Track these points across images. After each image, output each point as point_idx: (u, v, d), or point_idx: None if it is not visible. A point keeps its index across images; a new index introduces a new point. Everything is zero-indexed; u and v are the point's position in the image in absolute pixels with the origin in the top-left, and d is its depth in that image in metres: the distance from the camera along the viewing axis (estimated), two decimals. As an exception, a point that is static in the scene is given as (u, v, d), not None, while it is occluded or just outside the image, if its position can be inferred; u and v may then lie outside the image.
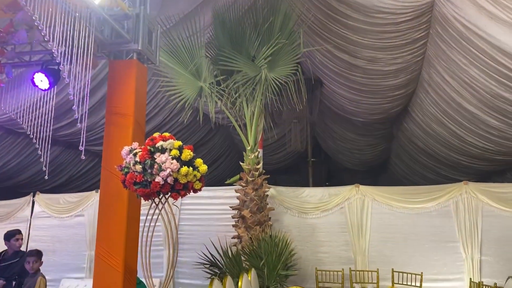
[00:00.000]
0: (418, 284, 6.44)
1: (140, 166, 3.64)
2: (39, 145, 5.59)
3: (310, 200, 7.53)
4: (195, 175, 3.76)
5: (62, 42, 3.86)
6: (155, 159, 3.67)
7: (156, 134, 3.90)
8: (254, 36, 6.86)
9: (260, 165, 7.15)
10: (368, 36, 6.98)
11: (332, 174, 16.06)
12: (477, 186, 7.07)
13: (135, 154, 3.73)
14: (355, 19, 6.80)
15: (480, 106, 6.83)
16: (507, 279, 4.33)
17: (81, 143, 3.87)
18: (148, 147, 3.74)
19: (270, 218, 7.05)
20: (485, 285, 5.57)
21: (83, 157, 4.08)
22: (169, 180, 3.61)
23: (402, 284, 6.58)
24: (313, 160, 13.68)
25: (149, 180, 3.60)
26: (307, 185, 11.94)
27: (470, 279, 6.51)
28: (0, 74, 4.97)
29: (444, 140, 8.83)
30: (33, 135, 5.61)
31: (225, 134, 12.93)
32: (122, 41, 4.78)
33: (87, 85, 4.01)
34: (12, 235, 5.72)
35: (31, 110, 5.94)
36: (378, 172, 14.80)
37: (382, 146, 12.49)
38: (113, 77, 4.83)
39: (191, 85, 7.12)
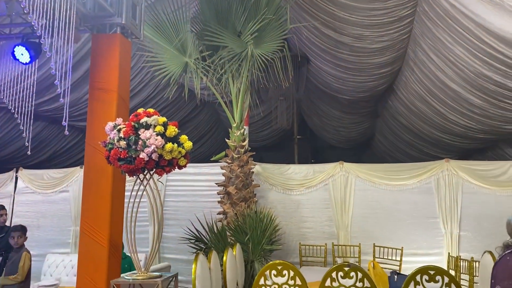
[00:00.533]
0: (398, 258, 6.63)
1: (124, 142, 3.63)
2: (21, 120, 5.51)
3: (295, 177, 7.61)
4: (180, 152, 3.76)
5: (42, 15, 3.76)
6: (140, 135, 3.65)
7: (140, 110, 3.87)
8: (241, 10, 6.76)
9: (246, 142, 7.16)
10: (355, 13, 6.94)
11: (317, 152, 16.19)
12: (458, 163, 7.22)
13: (119, 130, 3.71)
14: (342, -5, 6.75)
15: (463, 84, 6.91)
16: (483, 253, 4.51)
17: (64, 119, 3.82)
18: (132, 123, 3.72)
19: (255, 194, 7.12)
20: (463, 259, 5.77)
21: (66, 132, 4.03)
22: (154, 156, 3.61)
23: (383, 258, 6.77)
24: (299, 138, 13.75)
25: (133, 156, 3.59)
26: (292, 163, 12.04)
27: (449, 253, 6.72)
28: (-21, 47, 4.83)
29: (427, 118, 8.95)
30: (14, 110, 5.52)
31: (211, 111, 12.87)
32: (105, 15, 4.69)
33: (70, 60, 3.93)
34: None
35: (12, 84, 5.83)
36: (362, 149, 14.98)
37: (367, 124, 12.61)
38: (96, 51, 4.74)
39: (176, 61, 7.03)
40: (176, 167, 3.88)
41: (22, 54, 4.61)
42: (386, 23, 6.96)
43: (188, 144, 3.84)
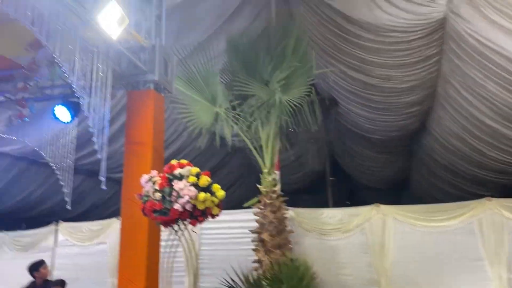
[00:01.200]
0: (445, 305, 6.26)
1: (159, 194, 3.71)
2: (61, 175, 5.74)
3: (330, 221, 7.44)
4: (212, 201, 3.81)
5: (81, 76, 4.01)
6: (173, 186, 3.73)
7: (174, 162, 3.98)
8: (267, 60, 6.96)
9: (278, 187, 7.14)
10: (381, 55, 7.02)
11: (352, 193, 15.88)
12: (501, 202, 6.88)
13: (154, 182, 3.81)
14: (367, 39, 6.86)
15: (499, 120, 6.73)
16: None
17: (102, 173, 3.96)
18: (167, 175, 3.81)
19: (290, 241, 6.99)
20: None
21: (104, 187, 4.16)
22: (188, 207, 3.66)
23: (429, 305, 6.41)
24: (332, 179, 13.57)
25: (168, 207, 3.66)
26: (327, 205, 11.83)
27: (499, 298, 6.29)
28: (24, 109, 5.16)
29: (465, 155, 8.69)
30: (55, 165, 5.78)
31: (242, 157, 12.99)
32: (139, 72, 4.94)
33: (106, 117, 4.13)
34: (40, 264, 5.85)
35: (53, 141, 6.14)
36: (399, 189, 14.58)
37: (402, 163, 12.35)
38: (131, 107, 4.97)
39: (207, 111, 7.23)
40: (210, 216, 3.91)
41: (62, 113, 4.89)
42: (412, 63, 6.98)
43: (221, 193, 3.88)
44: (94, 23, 3.87)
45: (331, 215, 7.51)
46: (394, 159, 12.16)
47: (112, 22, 4.00)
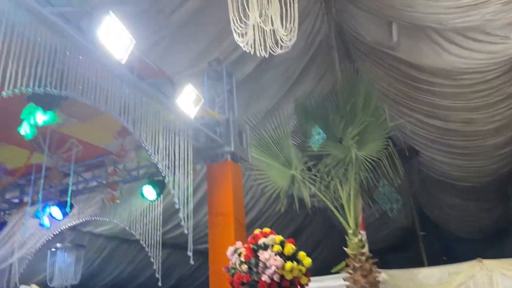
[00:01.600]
0: None
1: (246, 266, 3.66)
2: (150, 251, 5.94)
3: (427, 282, 6.82)
4: (300, 270, 3.67)
5: (165, 156, 4.25)
6: (259, 256, 3.67)
7: (257, 231, 3.95)
8: (338, 118, 6.93)
9: (366, 249, 6.77)
10: (457, 98, 6.72)
11: (447, 247, 14.59)
12: None
13: (239, 254, 3.78)
14: (439, 84, 6.64)
15: None
16: None
17: (190, 248, 4.04)
18: (251, 245, 3.78)
19: (386, 305, 6.48)
20: None
21: (192, 262, 4.22)
22: (275, 277, 3.56)
23: None
24: (423, 234, 12.64)
25: (256, 279, 3.58)
26: (420, 262, 10.95)
27: None
28: (115, 192, 5.53)
29: None
30: (144, 242, 6.01)
31: (322, 218, 12.65)
32: (216, 145, 5.14)
33: (190, 192, 4.28)
34: None
35: (140, 218, 6.44)
36: (501, 239, 13.16)
37: (499, 210, 11.25)
38: (211, 179, 5.13)
39: (283, 175, 7.24)
40: (299, 286, 3.76)
41: (149, 192, 5.16)
42: (494, 103, 6.57)
43: (308, 261, 3.74)
44: (173, 107, 4.16)
45: (429, 275, 6.89)
46: (491, 206, 11.14)
47: (189, 103, 4.29)
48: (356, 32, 7.33)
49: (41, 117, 3.63)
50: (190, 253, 4.12)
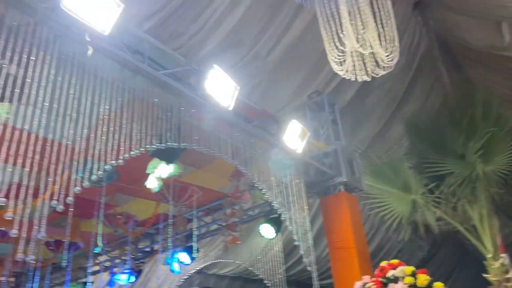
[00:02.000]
0: None
1: (377, 301, 3.45)
2: (274, 290, 5.94)
3: None
4: (439, 302, 3.35)
5: (278, 194, 4.30)
6: (390, 290, 3.44)
7: (384, 263, 3.73)
8: (456, 133, 6.41)
9: (510, 274, 5.97)
10: None
11: None
12: None
13: (368, 289, 3.59)
14: None
15: None
16: None
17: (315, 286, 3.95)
18: (380, 279, 3.57)
19: None
20: None
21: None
22: (413, 312, 3.29)
23: None
24: None
25: (390, 315, 3.35)
26: None
27: None
28: (235, 233, 5.70)
29: None
30: (268, 281, 6.05)
31: (453, 243, 11.54)
32: (327, 177, 5.06)
33: (308, 228, 4.24)
34: None
35: (261, 258, 6.53)
36: None
37: None
38: (326, 212, 5.03)
39: (402, 200, 6.82)
40: (440, 321, 3.42)
41: (267, 230, 5.23)
42: None
43: (447, 292, 3.41)
44: (281, 144, 4.23)
45: None
46: None
47: (295, 138, 4.32)
48: (461, 39, 6.83)
49: (165, 170, 3.95)
50: (315, 291, 4.02)
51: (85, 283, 7.05)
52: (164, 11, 4.39)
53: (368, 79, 3.84)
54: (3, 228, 5.07)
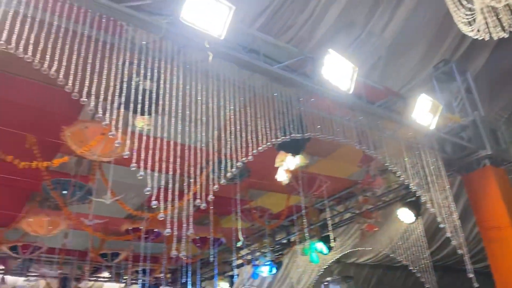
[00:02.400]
0: None
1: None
2: (422, 276, 5.61)
3: None
4: None
5: (415, 175, 4.02)
6: None
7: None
8: None
9: None
10: None
11: None
12: None
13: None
14: None
15: None
16: None
17: (468, 270, 3.62)
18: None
19: None
20: None
21: (476, 284, 3.74)
22: None
23: None
24: None
25: None
26: None
27: None
28: (371, 220, 5.52)
29: None
30: (413, 267, 5.73)
31: None
32: (468, 152, 4.58)
33: (452, 209, 3.89)
34: None
35: (402, 244, 6.22)
36: None
37: None
38: (471, 190, 4.56)
39: None
40: None
41: (405, 215, 4.95)
42: None
43: None
44: (411, 122, 3.94)
45: None
46: None
47: (426, 114, 3.99)
48: None
49: (292, 162, 3.98)
50: (471, 275, 3.66)
51: (231, 276, 7.52)
52: (271, 7, 4.44)
53: (506, 35, 3.37)
54: (157, 230, 5.69)
